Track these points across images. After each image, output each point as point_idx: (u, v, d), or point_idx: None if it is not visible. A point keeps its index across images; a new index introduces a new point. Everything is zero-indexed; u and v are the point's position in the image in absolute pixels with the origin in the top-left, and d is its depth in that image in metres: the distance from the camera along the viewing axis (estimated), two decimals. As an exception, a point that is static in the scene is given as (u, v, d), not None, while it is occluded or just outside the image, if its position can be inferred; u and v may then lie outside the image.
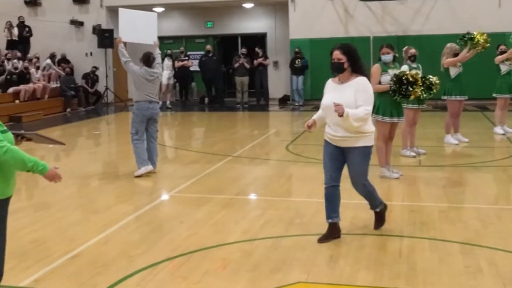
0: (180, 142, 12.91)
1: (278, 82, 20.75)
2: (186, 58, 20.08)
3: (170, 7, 21.23)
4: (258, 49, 19.66)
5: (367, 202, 5.66)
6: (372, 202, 5.63)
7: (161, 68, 8.84)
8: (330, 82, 5.44)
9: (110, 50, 20.26)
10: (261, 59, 19.38)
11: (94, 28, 20.58)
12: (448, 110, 10.64)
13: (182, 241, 5.51)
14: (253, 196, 7.66)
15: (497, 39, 12.54)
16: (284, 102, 19.88)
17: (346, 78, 5.27)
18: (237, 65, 19.38)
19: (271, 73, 20.34)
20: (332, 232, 5.40)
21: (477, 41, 10.04)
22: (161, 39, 8.98)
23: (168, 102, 19.26)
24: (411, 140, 9.53)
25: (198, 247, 5.28)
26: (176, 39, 22.04)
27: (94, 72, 19.90)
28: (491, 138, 11.69)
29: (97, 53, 20.50)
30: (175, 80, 20.17)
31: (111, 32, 19.75)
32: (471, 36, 10.11)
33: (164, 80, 18.29)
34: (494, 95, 11.74)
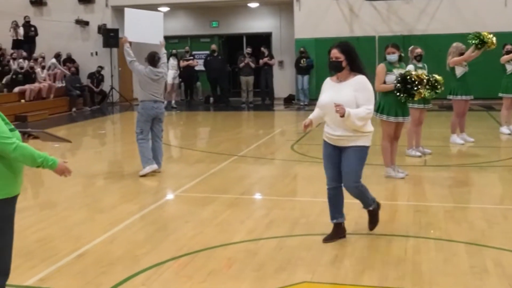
0: (185, 141, 12.92)
1: (283, 81, 20.74)
2: (191, 57, 20.10)
3: (175, 7, 21.24)
4: (264, 48, 19.66)
5: (362, 205, 5.54)
6: (364, 202, 5.49)
7: (166, 67, 8.85)
8: (328, 80, 5.39)
9: (115, 50, 20.30)
10: (266, 59, 19.38)
11: (100, 27, 20.62)
12: (454, 110, 10.60)
13: (187, 240, 5.51)
14: (258, 195, 7.66)
15: (503, 39, 12.49)
16: (289, 101, 19.87)
17: (344, 77, 5.21)
18: (242, 64, 19.37)
19: (276, 72, 20.32)
20: (337, 232, 5.39)
21: (486, 40, 9.94)
22: (166, 39, 8.98)
23: (173, 102, 19.28)
24: (417, 139, 9.51)
25: (203, 247, 5.28)
26: (181, 39, 22.06)
27: (100, 71, 19.93)
28: (497, 138, 11.65)
29: (102, 52, 20.54)
30: (180, 79, 20.19)
31: (117, 31, 19.79)
32: (481, 37, 9.97)
33: (169, 79, 18.30)
34: (500, 95, 11.70)
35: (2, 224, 3.44)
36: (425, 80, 7.76)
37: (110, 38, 19.77)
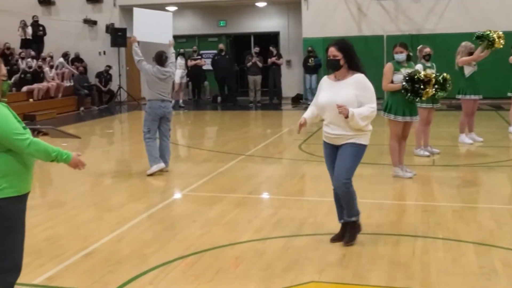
0: (192, 141, 12.93)
1: (291, 81, 20.72)
2: (199, 57, 20.11)
3: (183, 6, 21.26)
4: (272, 48, 19.64)
5: (345, 208, 5.25)
6: (349, 208, 5.21)
7: (174, 67, 8.85)
8: (325, 79, 5.30)
9: (123, 49, 20.34)
10: (274, 58, 19.36)
11: (107, 27, 20.66)
12: (462, 109, 10.56)
13: (194, 239, 5.51)
14: (265, 195, 7.65)
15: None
16: (297, 101, 19.85)
17: (342, 75, 5.12)
18: (249, 64, 19.37)
19: (284, 72, 20.29)
20: (345, 231, 5.37)
21: (493, 40, 9.90)
22: (174, 38, 8.99)
23: (181, 101, 19.30)
24: (425, 139, 9.48)
25: (210, 246, 5.28)
26: (189, 38, 22.08)
27: (108, 71, 19.98)
28: (506, 137, 11.59)
29: (110, 52, 20.58)
30: (188, 79, 20.21)
31: (124, 31, 19.83)
32: (488, 35, 9.94)
33: (177, 79, 18.32)
34: (509, 94, 11.62)
35: (14, 221, 3.46)
36: (433, 80, 7.72)
37: (118, 37, 19.81)
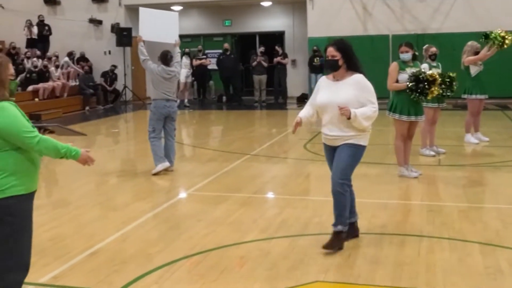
0: (197, 140, 12.94)
1: (296, 80, 20.70)
2: (204, 56, 20.12)
3: (188, 6, 21.28)
4: (278, 47, 19.63)
5: (334, 214, 5.07)
6: (338, 215, 5.03)
7: (179, 66, 8.85)
8: (324, 79, 5.22)
9: (128, 49, 20.37)
10: (279, 58, 19.35)
11: (113, 26, 20.69)
12: (468, 109, 10.52)
13: (199, 239, 5.51)
14: (270, 194, 7.65)
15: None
16: (302, 100, 19.80)
17: (341, 75, 5.05)
18: (254, 63, 19.36)
19: (289, 71, 20.27)
20: (350, 231, 5.35)
21: (500, 39, 9.85)
22: (179, 38, 9.00)
23: (186, 101, 19.31)
24: (431, 139, 9.45)
25: (215, 245, 5.28)
26: (194, 38, 22.08)
27: (113, 70, 20.01)
28: (512, 137, 11.57)
29: (115, 51, 20.61)
30: (193, 78, 20.21)
31: (130, 30, 19.87)
32: (496, 38, 9.89)
33: (182, 78, 18.32)
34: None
35: (22, 219, 3.46)
36: (438, 79, 7.68)
37: (123, 37, 19.85)
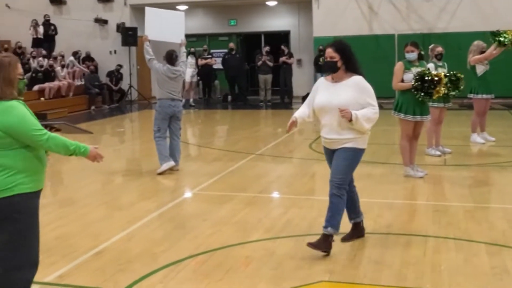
0: (203, 140, 12.94)
1: (302, 80, 20.66)
2: (210, 56, 20.12)
3: (194, 5, 21.29)
4: (284, 46, 19.61)
5: (326, 216, 5.00)
6: (331, 217, 4.93)
7: (185, 66, 8.86)
8: (322, 80, 5.16)
9: (134, 48, 20.40)
10: (285, 58, 19.33)
11: (118, 26, 20.72)
12: (474, 109, 10.49)
13: (205, 238, 5.51)
14: (276, 194, 7.64)
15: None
16: (307, 100, 19.79)
17: (340, 77, 4.97)
18: (260, 63, 19.35)
19: (295, 71, 20.23)
20: (355, 231, 5.35)
21: (509, 39, 9.81)
22: (185, 37, 9.01)
23: (191, 100, 19.33)
24: (437, 138, 9.43)
25: (220, 245, 5.28)
26: (199, 37, 22.07)
27: (118, 70, 20.03)
28: (518, 137, 11.51)
29: (121, 51, 20.64)
30: (198, 78, 20.22)
31: (135, 30, 19.89)
32: (505, 35, 9.84)
33: (187, 78, 18.33)
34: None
35: (30, 217, 3.48)
36: (443, 79, 7.65)
37: (129, 36, 19.87)
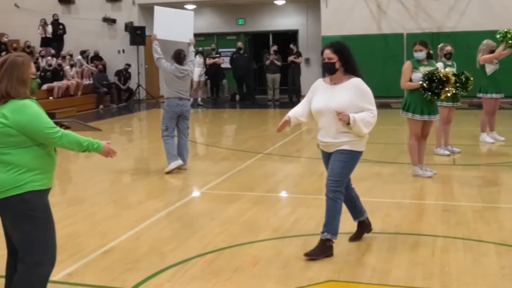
0: (211, 139, 12.95)
1: (310, 79, 20.33)
2: (218, 55, 20.14)
3: (202, 4, 21.30)
4: (292, 45, 19.58)
5: (324, 221, 4.94)
6: (328, 222, 4.88)
7: (193, 65, 8.87)
8: (321, 82, 5.08)
9: (142, 48, 20.44)
10: (293, 57, 19.31)
11: (127, 25, 20.76)
12: (483, 108, 10.44)
13: (212, 237, 5.51)
14: (284, 193, 7.64)
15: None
16: (315, 99, 19.76)
17: (338, 79, 4.87)
18: (268, 62, 19.34)
19: (303, 70, 20.20)
20: (361, 229, 5.33)
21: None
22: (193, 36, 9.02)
23: (199, 99, 19.34)
24: (445, 138, 9.39)
25: (228, 244, 5.28)
26: (207, 36, 22.10)
27: (127, 69, 20.08)
28: (528, 136, 11.44)
29: (129, 50, 20.69)
30: (206, 77, 20.24)
31: (143, 29, 19.93)
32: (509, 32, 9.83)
33: (195, 77, 18.34)
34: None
35: (45, 212, 3.50)
36: (452, 79, 7.60)
37: (137, 35, 19.91)
